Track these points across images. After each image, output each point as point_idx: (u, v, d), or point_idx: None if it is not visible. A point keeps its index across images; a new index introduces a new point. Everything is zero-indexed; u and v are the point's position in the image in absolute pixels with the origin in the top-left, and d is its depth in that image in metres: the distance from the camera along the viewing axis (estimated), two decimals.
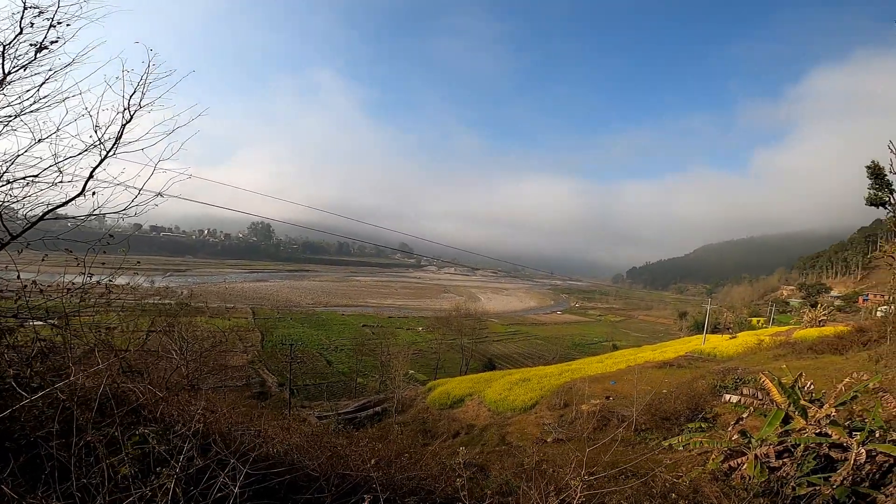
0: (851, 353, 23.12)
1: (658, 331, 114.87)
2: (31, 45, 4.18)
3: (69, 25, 4.25)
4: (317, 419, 29.87)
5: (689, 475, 7.79)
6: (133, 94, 4.43)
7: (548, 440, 21.25)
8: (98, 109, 4.25)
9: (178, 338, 22.68)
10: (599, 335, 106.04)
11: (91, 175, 4.31)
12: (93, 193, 4.31)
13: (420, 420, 32.56)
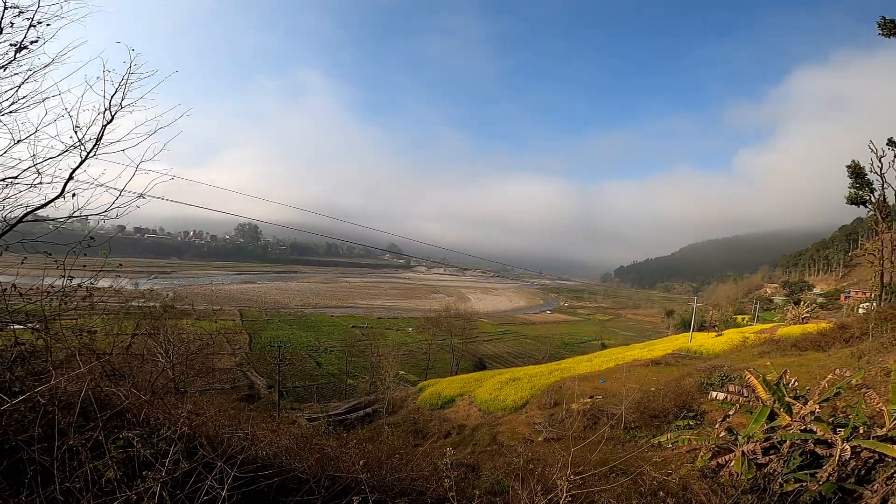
0: (834, 350, 23.46)
1: (646, 329, 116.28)
2: (11, 45, 4.10)
3: (49, 25, 4.18)
4: (307, 421, 29.61)
5: (678, 473, 7.88)
6: (114, 95, 4.36)
7: (538, 439, 21.32)
8: (78, 110, 4.19)
9: (164, 340, 22.30)
10: (588, 334, 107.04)
11: (71, 176, 4.24)
12: (73, 195, 4.24)
13: (411, 421, 32.51)
